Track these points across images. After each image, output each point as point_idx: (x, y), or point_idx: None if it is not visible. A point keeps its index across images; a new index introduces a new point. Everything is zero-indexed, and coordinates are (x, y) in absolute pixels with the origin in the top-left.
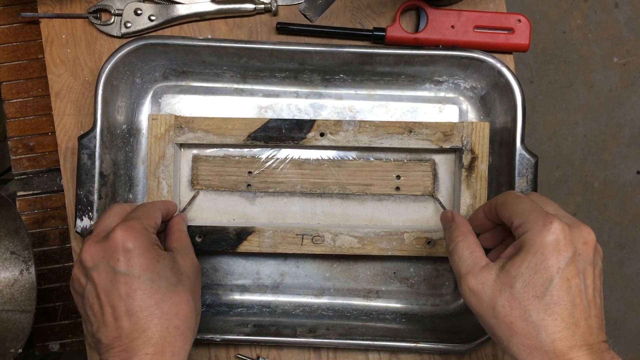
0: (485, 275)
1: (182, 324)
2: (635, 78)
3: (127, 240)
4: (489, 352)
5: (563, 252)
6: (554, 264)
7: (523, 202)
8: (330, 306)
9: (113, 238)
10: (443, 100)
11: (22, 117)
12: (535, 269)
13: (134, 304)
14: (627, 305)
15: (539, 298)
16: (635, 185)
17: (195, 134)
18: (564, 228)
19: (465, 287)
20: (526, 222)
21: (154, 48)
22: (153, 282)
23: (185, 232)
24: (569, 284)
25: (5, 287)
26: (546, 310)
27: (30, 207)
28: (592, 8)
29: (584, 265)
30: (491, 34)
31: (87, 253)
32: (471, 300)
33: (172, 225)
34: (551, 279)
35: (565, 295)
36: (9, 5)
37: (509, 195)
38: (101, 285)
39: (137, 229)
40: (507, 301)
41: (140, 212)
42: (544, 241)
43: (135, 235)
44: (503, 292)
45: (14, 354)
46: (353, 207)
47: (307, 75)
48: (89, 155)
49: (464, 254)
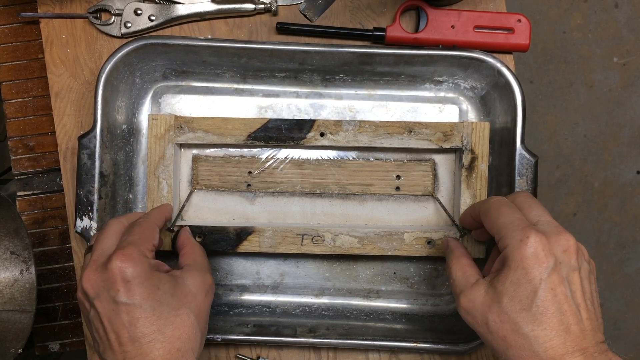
0: (474, 292)
1: (185, 346)
2: (635, 78)
3: (125, 270)
4: (489, 352)
5: (543, 264)
6: (536, 276)
7: (502, 214)
8: (330, 306)
9: (111, 269)
10: (443, 100)
11: (22, 117)
12: (519, 282)
13: (136, 331)
14: (627, 305)
15: (526, 310)
16: (635, 185)
17: (195, 134)
18: (542, 239)
19: (460, 306)
20: (505, 237)
21: (154, 48)
22: (155, 310)
23: (197, 246)
24: (554, 292)
25: (5, 287)
26: (535, 321)
27: (30, 207)
28: (592, 8)
29: (567, 272)
30: (491, 34)
31: (88, 282)
32: (467, 318)
33: (181, 241)
34: (535, 290)
35: (551, 305)
36: (9, 5)
37: (490, 204)
38: (104, 314)
39: (134, 256)
40: (497, 316)
41: (137, 234)
42: (523, 256)
43: (134, 264)
44: (492, 307)
45: (14, 354)
46: (353, 207)
47: (307, 75)
48: (89, 155)
49: (457, 276)
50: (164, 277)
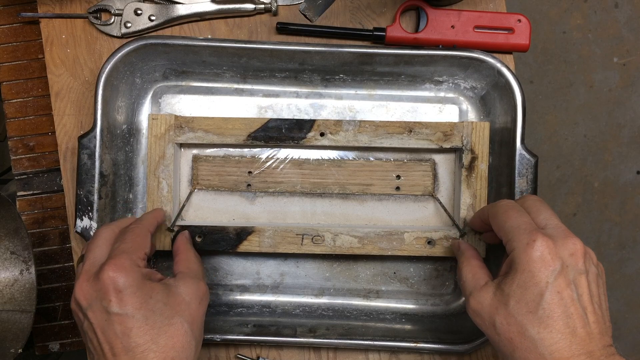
0: (483, 294)
1: (179, 355)
2: (635, 78)
3: (117, 280)
4: (489, 352)
5: (550, 267)
6: (542, 279)
7: (510, 218)
8: (330, 306)
9: (103, 279)
10: (443, 100)
11: (22, 117)
12: (525, 285)
13: (130, 341)
14: (627, 305)
15: (533, 313)
16: (635, 185)
17: (195, 134)
18: (548, 243)
19: (469, 308)
20: (512, 240)
21: (154, 48)
22: (147, 319)
23: (192, 253)
24: (561, 295)
25: (5, 287)
26: (541, 324)
27: (30, 207)
28: (592, 8)
29: (574, 275)
30: (491, 34)
31: (80, 292)
32: (475, 319)
33: (177, 247)
34: (542, 293)
35: (557, 308)
36: (9, 5)
37: (498, 207)
38: (97, 324)
39: (126, 266)
40: (504, 318)
41: (128, 242)
42: (529, 259)
43: (126, 274)
44: (500, 309)
45: (14, 354)
46: (353, 207)
47: (307, 75)
48: (89, 155)
49: (467, 277)
50: (157, 286)
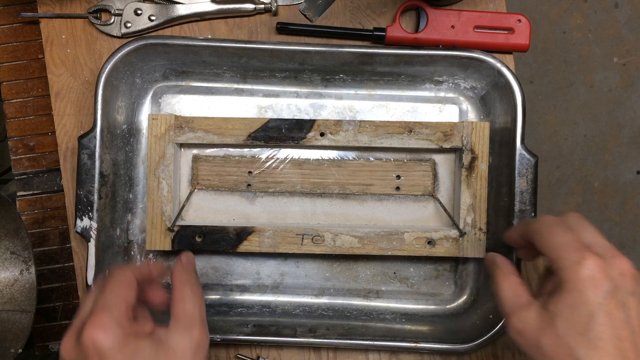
0: (527, 314)
1: None
2: (635, 78)
3: (97, 342)
4: (489, 352)
5: (600, 287)
6: (592, 300)
7: (556, 235)
8: (330, 306)
9: (84, 341)
10: (443, 100)
11: (22, 117)
12: (574, 306)
13: None
14: None
15: (582, 335)
16: (635, 185)
17: (195, 134)
18: (598, 262)
19: (510, 327)
20: (560, 258)
21: (154, 48)
22: None
23: (189, 288)
24: (611, 317)
25: (5, 287)
26: (590, 346)
27: (30, 207)
28: (592, 8)
29: (623, 296)
30: (491, 34)
31: (65, 350)
32: (517, 339)
33: (174, 279)
34: (592, 314)
35: (608, 330)
36: (9, 5)
37: (542, 223)
38: None
39: (107, 325)
40: (551, 339)
41: (108, 296)
42: (579, 278)
43: (106, 334)
44: (546, 330)
45: (14, 354)
46: (353, 207)
47: (307, 75)
48: (89, 155)
49: (507, 294)
50: (143, 343)
